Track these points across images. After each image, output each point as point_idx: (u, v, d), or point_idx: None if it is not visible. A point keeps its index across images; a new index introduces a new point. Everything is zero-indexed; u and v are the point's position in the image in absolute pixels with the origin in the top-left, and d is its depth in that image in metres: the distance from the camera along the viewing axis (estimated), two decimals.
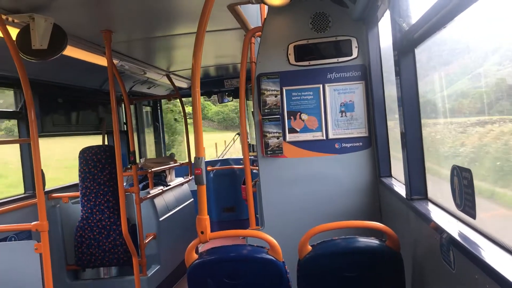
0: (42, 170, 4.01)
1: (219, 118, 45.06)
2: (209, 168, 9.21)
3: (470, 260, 1.98)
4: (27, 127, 4.82)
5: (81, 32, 4.65)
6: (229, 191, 9.15)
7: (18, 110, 5.19)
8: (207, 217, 3.12)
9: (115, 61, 5.50)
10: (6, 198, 5.01)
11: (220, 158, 10.09)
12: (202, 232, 3.11)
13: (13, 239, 4.63)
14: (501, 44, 1.95)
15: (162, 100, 9.31)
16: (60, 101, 6.03)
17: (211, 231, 3.17)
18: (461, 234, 2.23)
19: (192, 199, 7.37)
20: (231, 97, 9.33)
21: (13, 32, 3.80)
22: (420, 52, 2.95)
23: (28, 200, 4.90)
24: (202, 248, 5.98)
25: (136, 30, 5.04)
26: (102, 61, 5.36)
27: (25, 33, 3.80)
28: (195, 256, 3.12)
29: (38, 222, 3.72)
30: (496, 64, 2.02)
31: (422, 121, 3.03)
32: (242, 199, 7.86)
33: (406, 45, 2.99)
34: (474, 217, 2.15)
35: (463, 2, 2.07)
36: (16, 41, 3.80)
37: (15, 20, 3.79)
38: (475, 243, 2.08)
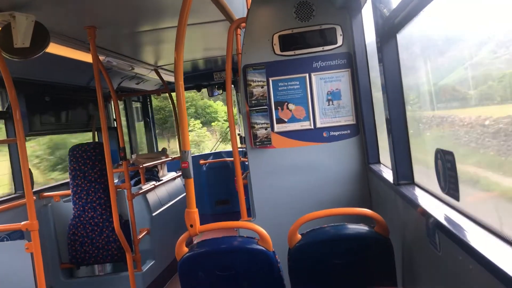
0: (30, 170, 4.00)
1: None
2: (201, 161, 9.20)
3: (454, 242, 2.00)
4: (14, 127, 4.80)
5: (64, 29, 4.61)
6: (222, 184, 9.14)
7: (4, 110, 5.15)
8: (196, 210, 3.13)
9: (101, 57, 5.47)
10: None
11: (212, 152, 10.09)
12: (191, 225, 3.12)
13: (5, 239, 4.61)
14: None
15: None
16: (47, 100, 5.99)
17: (206, 224, 3.18)
18: (446, 217, 2.25)
19: (185, 193, 7.36)
20: (221, 90, 9.30)
21: None
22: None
23: (19, 200, 4.88)
24: (196, 241, 5.99)
25: (121, 25, 5.01)
26: (88, 57, 5.32)
27: (6, 31, 3.76)
28: (186, 249, 3.13)
29: (28, 221, 3.71)
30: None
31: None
32: (235, 192, 7.84)
33: (388, 31, 2.99)
34: (458, 199, 2.17)
35: None
36: None
37: None
38: (459, 225, 2.09)
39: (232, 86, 8.82)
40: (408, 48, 2.96)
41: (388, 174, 3.54)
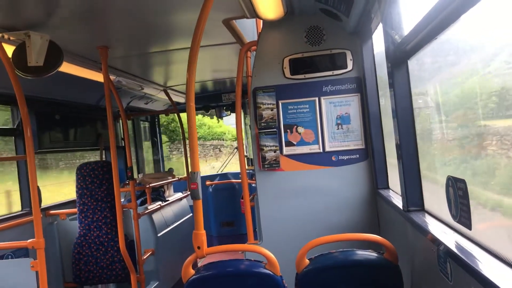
0: (38, 187, 4.00)
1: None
2: (208, 182, 9.18)
3: (467, 271, 1.96)
4: (24, 144, 4.83)
5: (77, 49, 4.67)
6: (228, 205, 9.11)
7: (15, 127, 5.19)
8: (204, 232, 3.11)
9: (111, 77, 5.52)
10: (3, 215, 4.99)
11: (219, 173, 10.07)
12: (198, 247, 3.09)
13: (10, 257, 4.59)
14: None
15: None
16: (57, 118, 6.03)
17: (211, 246, 3.15)
18: (457, 246, 2.21)
19: (191, 214, 7.33)
20: (229, 111, 9.34)
21: (9, 49, 3.82)
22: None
23: (25, 217, 4.88)
24: (201, 263, 5.94)
25: (132, 46, 5.07)
26: (99, 77, 5.38)
27: (20, 50, 3.82)
28: (192, 271, 3.09)
29: (34, 239, 3.70)
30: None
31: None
32: (241, 214, 7.82)
33: (399, 57, 3.00)
34: (469, 227, 2.14)
35: (454, 13, 2.08)
36: (12, 59, 3.81)
37: (11, 38, 3.81)
38: (472, 254, 2.06)
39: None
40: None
41: (397, 200, 3.51)
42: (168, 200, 6.76)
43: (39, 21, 3.69)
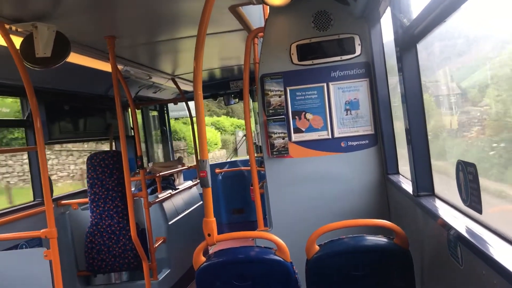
0: (49, 178, 4.04)
1: None
2: (217, 170, 9.21)
3: (477, 255, 1.96)
4: (34, 135, 4.87)
5: (84, 39, 4.67)
6: (238, 193, 9.14)
7: (25, 118, 5.23)
8: (214, 219, 3.12)
9: (119, 67, 5.53)
10: (16, 206, 5.05)
11: (228, 160, 10.10)
12: (209, 235, 3.11)
13: (24, 246, 4.66)
14: None
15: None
16: (66, 108, 6.07)
17: (221, 233, 3.17)
18: (468, 230, 2.21)
19: (201, 202, 7.37)
20: (237, 99, 9.32)
21: (17, 41, 3.83)
22: None
23: (37, 208, 4.93)
24: (212, 250, 5.98)
25: (139, 35, 5.06)
26: (106, 67, 5.38)
27: (28, 41, 3.83)
28: (203, 258, 3.12)
29: (47, 229, 3.75)
30: None
31: None
32: (251, 201, 7.85)
33: (408, 41, 2.97)
34: (480, 212, 2.13)
35: None
36: (20, 50, 3.83)
37: (18, 29, 3.82)
38: (482, 238, 2.05)
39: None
40: None
41: (407, 185, 3.50)
42: (178, 189, 6.81)
43: (46, 12, 3.69)
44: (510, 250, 1.86)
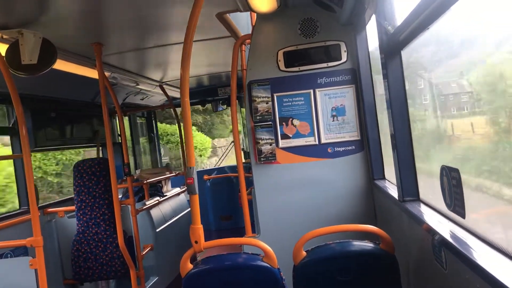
0: (35, 185, 4.00)
1: None
2: (205, 177, 9.20)
3: (461, 260, 1.98)
4: (20, 142, 4.83)
5: (70, 46, 4.66)
6: (226, 199, 9.13)
7: (10, 125, 5.18)
8: (201, 226, 3.12)
9: (106, 74, 5.51)
10: (1, 214, 4.99)
11: (216, 167, 10.09)
12: (196, 242, 3.11)
13: (9, 255, 4.60)
14: None
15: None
16: (53, 115, 6.02)
17: (210, 240, 3.17)
18: (452, 235, 2.23)
19: (189, 209, 7.33)
20: (225, 105, 9.34)
21: (2, 48, 3.81)
22: None
23: (24, 216, 4.88)
24: (200, 257, 5.96)
25: (126, 42, 5.06)
26: (93, 73, 5.37)
27: (14, 48, 3.81)
28: (190, 266, 3.11)
29: (33, 237, 3.71)
30: None
31: None
32: (239, 207, 7.83)
33: (393, 48, 3.01)
34: (463, 216, 2.16)
35: (445, 3, 2.08)
36: (5, 57, 3.80)
37: (4, 36, 3.80)
38: (466, 243, 2.08)
39: (237, 101, 8.86)
40: None
41: (393, 190, 3.53)
42: (166, 196, 6.78)
43: (32, 18, 3.68)
44: (492, 254, 1.88)
